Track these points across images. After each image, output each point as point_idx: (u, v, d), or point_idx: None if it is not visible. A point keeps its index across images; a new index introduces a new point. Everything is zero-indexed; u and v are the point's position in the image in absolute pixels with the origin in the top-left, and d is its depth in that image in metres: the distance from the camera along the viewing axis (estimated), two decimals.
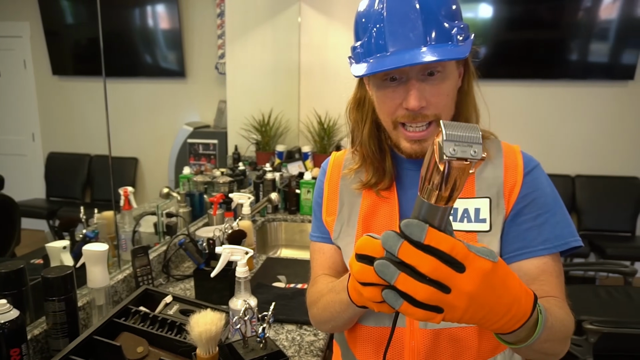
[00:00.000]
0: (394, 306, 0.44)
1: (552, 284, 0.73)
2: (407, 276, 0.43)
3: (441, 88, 0.72)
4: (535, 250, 0.74)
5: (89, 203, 3.05)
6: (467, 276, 0.43)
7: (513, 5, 3.59)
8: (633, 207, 3.58)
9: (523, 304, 0.50)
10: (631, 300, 1.93)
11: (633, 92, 3.53)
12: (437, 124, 0.74)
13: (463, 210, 0.78)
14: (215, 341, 0.89)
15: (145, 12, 3.34)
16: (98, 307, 1.14)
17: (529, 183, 0.78)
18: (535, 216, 0.76)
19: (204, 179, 2.03)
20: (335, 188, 0.89)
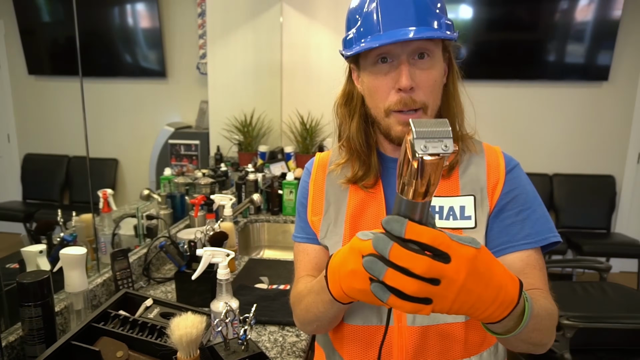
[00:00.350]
0: (382, 299, 0.45)
1: (536, 276, 0.76)
2: (395, 271, 0.43)
3: (429, 73, 0.75)
4: (518, 245, 0.77)
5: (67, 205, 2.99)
6: (454, 265, 0.44)
7: (492, 6, 3.65)
8: (608, 204, 3.67)
9: (510, 290, 0.51)
10: (606, 296, 1.98)
11: (607, 92, 3.62)
12: (423, 111, 0.76)
13: (449, 208, 0.80)
14: (196, 344, 0.89)
15: (124, 11, 3.29)
16: (76, 312, 1.12)
17: (511, 181, 0.81)
18: (518, 212, 0.79)
19: (185, 180, 2.01)
20: (321, 188, 0.89)
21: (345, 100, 0.88)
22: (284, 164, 2.91)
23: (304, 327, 0.86)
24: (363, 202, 0.85)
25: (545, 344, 0.69)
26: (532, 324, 0.58)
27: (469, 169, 0.82)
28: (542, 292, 0.73)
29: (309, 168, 0.93)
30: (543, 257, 0.80)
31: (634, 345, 1.83)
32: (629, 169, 3.72)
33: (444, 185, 0.82)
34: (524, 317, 0.56)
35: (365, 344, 0.82)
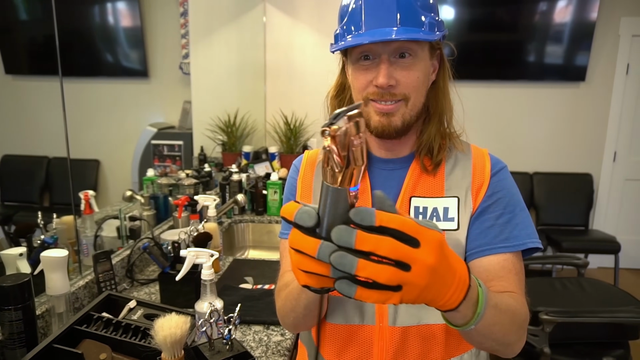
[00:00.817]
0: (350, 296, 0.43)
1: (510, 280, 0.75)
2: (367, 262, 0.41)
3: (411, 70, 0.75)
4: (495, 248, 0.77)
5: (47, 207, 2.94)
6: (424, 250, 0.43)
7: (474, 7, 3.70)
8: (586, 202, 3.77)
9: (461, 272, 0.50)
10: (583, 291, 2.04)
11: (584, 93, 3.71)
12: (405, 103, 0.77)
13: (432, 209, 0.80)
14: (180, 345, 0.89)
15: (105, 10, 3.25)
16: (58, 315, 1.10)
17: (495, 184, 0.80)
18: (499, 215, 0.78)
19: (169, 181, 2.00)
20: (309, 186, 0.89)
21: (337, 91, 0.89)
22: (268, 164, 2.91)
23: (283, 321, 0.86)
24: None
25: (510, 344, 0.68)
26: (490, 315, 0.58)
27: (454, 170, 0.82)
28: (513, 295, 0.73)
29: (297, 165, 0.93)
30: (522, 262, 0.79)
31: (610, 338, 1.88)
32: (606, 167, 3.82)
33: (428, 186, 0.82)
34: (479, 303, 0.56)
35: (344, 343, 0.82)
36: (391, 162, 0.85)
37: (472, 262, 0.78)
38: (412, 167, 0.84)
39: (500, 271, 0.76)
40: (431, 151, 0.83)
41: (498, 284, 0.74)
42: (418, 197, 0.81)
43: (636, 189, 3.85)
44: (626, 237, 3.77)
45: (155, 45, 3.14)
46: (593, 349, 1.85)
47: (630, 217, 3.90)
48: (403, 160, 0.85)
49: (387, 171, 0.85)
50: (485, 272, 0.76)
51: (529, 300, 0.76)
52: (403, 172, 0.84)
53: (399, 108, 0.77)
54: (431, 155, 0.83)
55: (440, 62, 0.83)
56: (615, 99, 3.70)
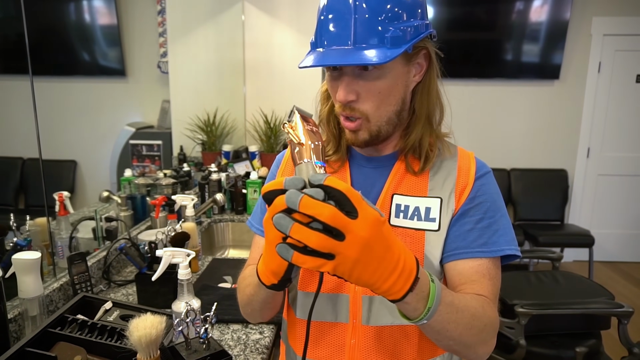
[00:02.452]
0: (286, 258, 0.47)
1: (483, 285, 0.74)
2: (300, 225, 0.45)
3: (374, 85, 0.73)
4: (471, 252, 0.76)
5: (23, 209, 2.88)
6: (360, 222, 0.45)
7: (452, 7, 3.75)
8: (561, 197, 3.86)
9: (408, 260, 0.52)
10: (557, 284, 2.09)
11: (559, 91, 3.80)
12: (365, 120, 0.76)
13: (414, 208, 0.79)
14: (156, 345, 0.89)
15: (80, 7, 3.19)
16: (31, 318, 1.09)
17: (478, 187, 0.79)
18: (478, 219, 0.77)
19: (146, 181, 1.98)
20: None
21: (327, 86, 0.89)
22: (248, 163, 2.90)
23: (242, 311, 0.87)
24: None
25: (471, 346, 0.68)
26: (445, 311, 0.59)
27: (439, 172, 0.81)
28: (480, 298, 0.72)
29: (279, 159, 0.93)
30: (498, 269, 0.78)
31: (583, 328, 1.94)
32: (580, 163, 3.92)
33: (411, 185, 0.81)
34: (430, 297, 0.56)
35: (317, 340, 0.82)
36: (374, 160, 0.84)
37: (448, 265, 0.77)
38: (397, 166, 0.83)
39: (474, 275, 0.75)
40: (418, 153, 0.81)
41: (469, 287, 0.74)
42: (401, 195, 0.80)
43: (609, 183, 3.96)
44: (600, 231, 3.88)
45: (132, 44, 3.10)
46: (567, 340, 1.90)
47: (603, 212, 4.01)
48: (386, 158, 0.84)
49: (370, 169, 0.84)
50: (458, 275, 0.76)
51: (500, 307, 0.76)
52: (386, 170, 0.83)
53: (361, 125, 0.76)
54: (418, 157, 0.81)
55: (428, 62, 0.79)
56: (588, 96, 3.80)
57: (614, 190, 3.96)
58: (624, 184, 3.94)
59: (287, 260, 0.47)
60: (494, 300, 0.75)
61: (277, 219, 0.46)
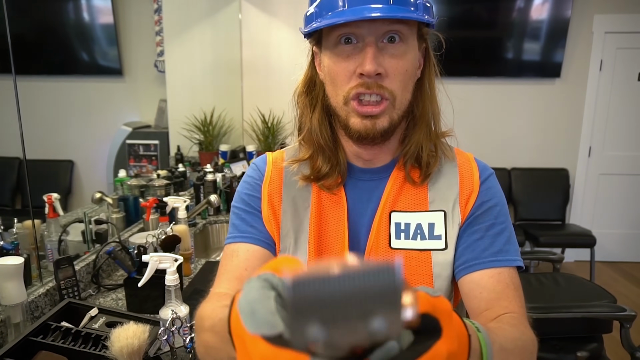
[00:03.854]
0: None
1: (510, 297, 0.66)
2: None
3: (401, 61, 0.65)
4: (485, 262, 0.68)
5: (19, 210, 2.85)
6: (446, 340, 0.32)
7: (453, 4, 3.71)
8: (562, 197, 3.82)
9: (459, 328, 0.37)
10: (558, 286, 2.05)
11: (560, 89, 3.75)
12: (391, 102, 0.66)
13: (416, 225, 0.71)
14: (139, 355, 0.86)
15: (78, 7, 3.16)
16: (14, 325, 1.06)
17: (485, 191, 0.73)
18: (489, 226, 0.70)
19: (139, 182, 1.95)
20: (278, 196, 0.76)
21: (307, 88, 0.76)
22: (245, 163, 2.87)
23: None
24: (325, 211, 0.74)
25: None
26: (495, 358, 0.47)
27: (439, 179, 0.73)
28: (512, 318, 0.63)
29: (259, 166, 0.80)
30: (518, 278, 0.70)
31: (584, 332, 1.90)
32: (581, 162, 3.87)
33: (411, 198, 0.72)
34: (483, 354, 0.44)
35: None
36: (369, 172, 0.75)
37: (462, 279, 0.69)
38: (393, 177, 0.73)
39: (497, 286, 0.66)
40: (419, 160, 0.72)
41: (497, 305, 0.65)
42: (399, 212, 0.71)
43: (610, 183, 3.92)
44: (601, 231, 3.83)
45: (129, 43, 3.07)
46: (568, 344, 1.87)
47: (605, 211, 3.96)
48: (383, 169, 0.75)
49: (365, 182, 0.75)
50: (478, 287, 0.67)
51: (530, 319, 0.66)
52: (382, 183, 0.74)
53: (385, 109, 0.66)
54: (419, 165, 0.73)
55: (425, 58, 0.73)
56: (590, 95, 3.75)
57: (615, 189, 3.92)
58: (625, 183, 3.90)
59: None
60: (523, 313, 0.66)
61: None
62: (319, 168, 0.74)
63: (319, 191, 0.75)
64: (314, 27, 0.65)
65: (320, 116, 0.75)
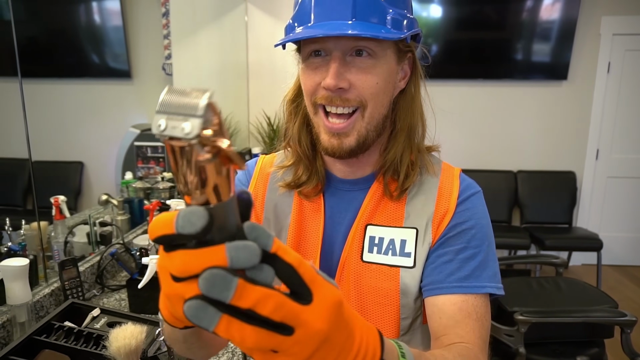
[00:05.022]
0: (205, 327, 0.30)
1: (468, 327, 0.64)
2: (230, 319, 0.30)
3: (369, 72, 0.64)
4: (449, 287, 0.66)
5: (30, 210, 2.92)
6: (316, 309, 0.32)
7: (461, 6, 3.71)
8: (569, 200, 3.79)
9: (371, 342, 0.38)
10: (559, 290, 2.05)
11: (567, 91, 3.73)
12: (361, 113, 0.66)
13: (389, 240, 0.70)
14: (136, 355, 0.89)
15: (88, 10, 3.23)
16: (20, 325, 1.10)
17: (462, 213, 0.70)
18: (460, 249, 0.68)
19: (144, 184, 1.99)
20: (261, 199, 0.79)
21: (294, 95, 0.78)
22: None
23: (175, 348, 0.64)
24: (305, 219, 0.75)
25: None
26: None
27: (417, 195, 0.71)
28: (466, 349, 0.61)
29: (249, 171, 0.82)
30: (487, 306, 0.67)
31: (585, 337, 1.90)
32: (589, 165, 3.84)
33: (388, 213, 0.71)
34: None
35: None
36: (349, 183, 0.75)
37: (427, 300, 0.69)
38: (373, 190, 0.73)
39: (457, 314, 0.65)
40: (397, 173, 0.71)
41: (453, 333, 0.64)
42: (375, 226, 0.71)
43: (618, 186, 3.88)
44: (609, 234, 3.80)
45: (137, 47, 3.13)
46: (568, 348, 1.87)
47: (613, 215, 3.93)
48: (363, 180, 0.75)
49: (344, 192, 0.75)
50: (439, 312, 0.66)
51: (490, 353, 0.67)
52: (362, 194, 0.74)
53: (353, 124, 0.66)
54: (397, 178, 0.71)
55: (412, 68, 0.71)
56: (597, 97, 3.73)
57: (623, 192, 3.88)
58: (634, 186, 3.86)
59: (207, 330, 0.30)
60: (482, 346, 0.64)
61: (194, 311, 0.29)
62: (299, 175, 0.75)
63: (300, 198, 0.77)
64: (278, 42, 0.67)
65: (300, 124, 0.76)
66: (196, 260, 0.30)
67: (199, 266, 0.29)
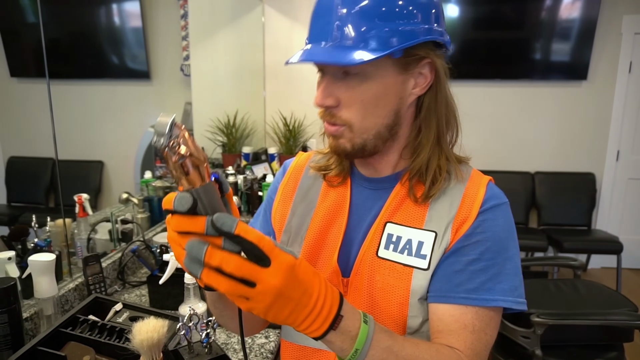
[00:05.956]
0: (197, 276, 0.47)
1: (460, 337, 0.64)
2: (209, 272, 0.46)
3: (356, 91, 0.66)
4: (454, 297, 0.66)
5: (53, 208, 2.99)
6: (272, 270, 0.46)
7: (479, 5, 3.68)
8: (588, 201, 3.73)
9: (328, 299, 0.51)
10: (577, 293, 2.03)
11: (586, 91, 3.68)
12: (348, 128, 0.68)
13: (406, 240, 0.70)
14: (158, 348, 0.91)
15: (109, 12, 3.30)
16: (46, 317, 1.14)
17: (481, 223, 0.68)
18: (472, 260, 0.67)
19: (164, 184, 2.03)
20: (290, 193, 0.84)
21: None
22: (267, 165, 2.93)
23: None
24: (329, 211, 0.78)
25: None
26: (379, 357, 0.55)
27: (441, 199, 0.71)
28: (452, 351, 0.63)
29: (285, 167, 0.88)
30: (492, 322, 0.67)
31: (603, 340, 1.88)
32: (609, 166, 3.78)
33: (409, 213, 0.72)
34: (359, 338, 0.53)
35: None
36: (374, 181, 0.77)
37: (431, 306, 0.69)
38: (396, 190, 0.74)
39: (453, 324, 0.65)
40: (424, 178, 0.71)
41: (443, 338, 0.65)
42: (394, 224, 0.72)
43: (639, 188, 3.81)
44: (629, 237, 3.73)
45: (156, 48, 3.18)
46: (586, 351, 1.85)
47: (634, 217, 3.86)
48: (386, 180, 0.76)
49: (369, 190, 0.77)
50: (437, 321, 0.67)
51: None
52: (386, 193, 0.75)
53: (342, 132, 0.69)
54: (424, 182, 0.71)
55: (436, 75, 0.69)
56: (618, 97, 3.66)
57: None
58: None
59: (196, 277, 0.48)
60: (469, 355, 0.64)
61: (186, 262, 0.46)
62: (329, 163, 0.80)
63: (327, 190, 0.80)
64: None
65: None
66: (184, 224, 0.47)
67: (186, 228, 0.47)
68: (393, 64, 0.66)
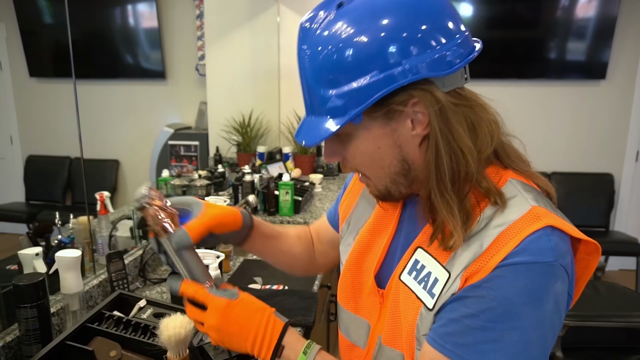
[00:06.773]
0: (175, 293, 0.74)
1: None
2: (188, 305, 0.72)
3: (349, 148, 0.66)
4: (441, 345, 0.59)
5: (70, 206, 3.04)
6: (208, 313, 0.67)
7: (493, 4, 3.65)
8: (607, 203, 3.68)
9: (268, 332, 0.67)
10: (598, 294, 2.00)
11: (605, 91, 3.62)
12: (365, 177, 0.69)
13: (427, 272, 0.65)
14: (185, 344, 0.92)
15: (124, 13, 3.33)
16: (72, 313, 1.15)
17: (494, 278, 0.57)
18: (469, 314, 0.57)
19: (182, 182, 2.04)
20: (359, 188, 0.87)
21: None
22: (282, 164, 2.94)
23: None
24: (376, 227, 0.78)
25: None
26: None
27: (473, 238, 0.60)
28: None
29: (347, 183, 0.93)
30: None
31: (624, 343, 1.85)
32: (627, 167, 3.72)
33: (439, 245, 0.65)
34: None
35: (346, 354, 0.82)
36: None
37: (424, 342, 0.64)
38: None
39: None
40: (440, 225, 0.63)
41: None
42: (424, 251, 0.67)
43: None
44: None
45: (172, 48, 3.21)
46: (607, 354, 1.82)
47: None
48: None
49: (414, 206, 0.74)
50: (421, 356, 0.64)
51: None
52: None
53: (365, 181, 0.71)
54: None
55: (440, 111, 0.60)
56: (638, 96, 3.60)
57: None
58: None
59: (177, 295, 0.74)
60: None
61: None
62: None
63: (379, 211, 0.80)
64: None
65: None
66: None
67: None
68: (371, 119, 0.61)
